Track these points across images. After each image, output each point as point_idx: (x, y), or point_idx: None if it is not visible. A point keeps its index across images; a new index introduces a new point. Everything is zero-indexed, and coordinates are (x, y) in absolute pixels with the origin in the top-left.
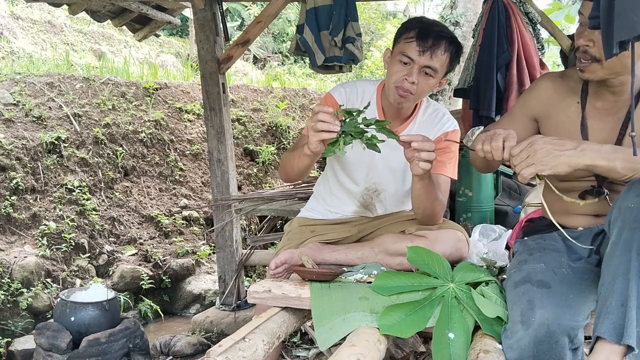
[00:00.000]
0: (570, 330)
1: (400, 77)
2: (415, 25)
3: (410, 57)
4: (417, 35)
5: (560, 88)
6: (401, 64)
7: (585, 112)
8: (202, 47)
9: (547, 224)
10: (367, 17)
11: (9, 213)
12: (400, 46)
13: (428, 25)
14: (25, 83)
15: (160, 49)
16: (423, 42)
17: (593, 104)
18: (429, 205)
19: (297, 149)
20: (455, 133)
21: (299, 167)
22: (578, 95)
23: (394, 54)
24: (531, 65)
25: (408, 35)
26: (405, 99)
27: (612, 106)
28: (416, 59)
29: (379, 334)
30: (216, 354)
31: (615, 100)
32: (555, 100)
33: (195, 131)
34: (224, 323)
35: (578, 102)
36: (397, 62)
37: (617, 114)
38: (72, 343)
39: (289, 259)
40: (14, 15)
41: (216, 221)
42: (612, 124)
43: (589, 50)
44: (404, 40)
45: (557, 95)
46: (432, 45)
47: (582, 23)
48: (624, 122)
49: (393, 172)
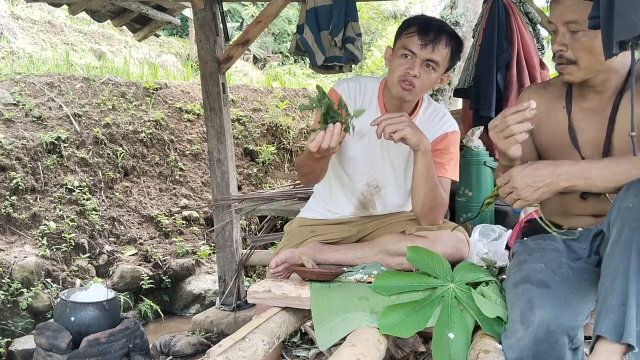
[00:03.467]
0: (570, 330)
1: (403, 70)
2: (416, 21)
3: (412, 50)
4: (419, 30)
5: (545, 97)
6: (403, 57)
7: (571, 115)
8: (202, 47)
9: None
10: (367, 17)
11: (9, 213)
12: (402, 41)
13: (429, 21)
14: (25, 83)
15: (160, 49)
16: (424, 36)
17: (579, 105)
18: (429, 191)
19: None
20: (454, 134)
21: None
22: (563, 100)
23: (396, 50)
24: (531, 65)
25: (409, 30)
26: (408, 92)
27: (598, 105)
28: (418, 52)
29: (379, 334)
30: (216, 354)
31: (600, 99)
32: (541, 110)
33: (195, 131)
34: (224, 323)
35: (564, 107)
36: (399, 56)
37: (602, 112)
38: (72, 343)
39: (289, 258)
40: (14, 15)
41: (216, 221)
42: (600, 123)
43: (564, 54)
44: (406, 35)
45: (543, 105)
46: (434, 38)
47: (553, 31)
48: (610, 119)
49: (394, 168)
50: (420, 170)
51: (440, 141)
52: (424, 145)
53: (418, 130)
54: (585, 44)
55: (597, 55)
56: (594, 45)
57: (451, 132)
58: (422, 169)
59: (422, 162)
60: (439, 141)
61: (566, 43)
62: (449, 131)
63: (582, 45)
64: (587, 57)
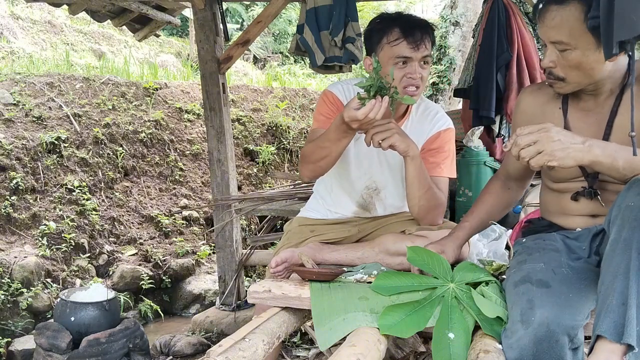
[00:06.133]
0: (570, 329)
1: (406, 78)
2: (391, 25)
3: (406, 56)
4: (404, 34)
5: (541, 99)
6: (398, 66)
7: (567, 116)
8: (202, 47)
9: (547, 224)
10: (368, 17)
11: (9, 213)
12: (388, 51)
13: (406, 20)
14: (25, 83)
15: (160, 49)
16: (412, 37)
17: (575, 106)
18: (423, 194)
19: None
20: (448, 132)
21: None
22: (559, 101)
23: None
24: (531, 65)
25: (391, 37)
26: (416, 95)
27: (594, 106)
28: (413, 55)
29: (379, 334)
30: (216, 354)
31: (596, 100)
32: (538, 111)
33: (195, 131)
34: (224, 323)
35: (560, 108)
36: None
37: (600, 113)
38: (72, 343)
39: (289, 257)
40: (14, 15)
41: (216, 221)
42: (596, 124)
43: (553, 71)
44: (391, 45)
45: (539, 107)
46: (421, 36)
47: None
48: (609, 120)
49: (392, 170)
50: (412, 175)
51: (434, 140)
52: (413, 151)
53: (406, 137)
54: (573, 62)
55: (586, 71)
56: (581, 62)
57: (444, 129)
58: (414, 174)
59: (413, 167)
60: (432, 140)
61: (554, 60)
62: (442, 129)
63: (569, 64)
64: (576, 73)
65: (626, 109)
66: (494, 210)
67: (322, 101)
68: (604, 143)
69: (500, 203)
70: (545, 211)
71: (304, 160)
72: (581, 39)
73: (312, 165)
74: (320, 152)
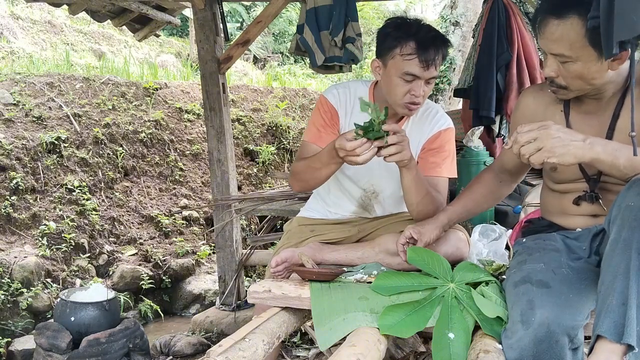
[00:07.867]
0: (570, 329)
1: (408, 95)
2: (408, 37)
3: (415, 74)
4: (418, 51)
5: (542, 100)
6: (404, 81)
7: (569, 118)
8: (202, 47)
9: (547, 224)
10: (368, 17)
11: (9, 213)
12: (400, 63)
13: (424, 36)
14: (25, 83)
15: (160, 49)
16: (425, 56)
17: (577, 109)
18: (420, 199)
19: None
20: (448, 131)
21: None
22: (561, 104)
23: (393, 71)
24: (531, 65)
25: (405, 50)
26: (414, 110)
27: (596, 108)
28: (421, 74)
29: (379, 334)
30: (216, 354)
31: (598, 103)
32: (538, 112)
33: (195, 131)
34: (224, 323)
35: (562, 110)
36: (398, 79)
37: (602, 116)
38: (72, 343)
39: (289, 257)
40: (14, 15)
41: (216, 221)
42: (598, 126)
43: (555, 80)
44: (403, 57)
45: (540, 108)
46: (434, 56)
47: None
48: (611, 123)
49: (391, 174)
50: (408, 184)
51: (434, 140)
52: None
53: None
54: (574, 73)
55: (587, 80)
56: (583, 73)
57: (444, 129)
58: (410, 183)
59: (409, 177)
60: (432, 140)
61: (556, 70)
62: (443, 129)
63: (571, 75)
64: (578, 82)
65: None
66: (482, 200)
67: (316, 109)
68: (605, 141)
69: (489, 194)
70: (545, 211)
71: (295, 177)
72: (582, 52)
73: (303, 183)
74: (311, 173)
